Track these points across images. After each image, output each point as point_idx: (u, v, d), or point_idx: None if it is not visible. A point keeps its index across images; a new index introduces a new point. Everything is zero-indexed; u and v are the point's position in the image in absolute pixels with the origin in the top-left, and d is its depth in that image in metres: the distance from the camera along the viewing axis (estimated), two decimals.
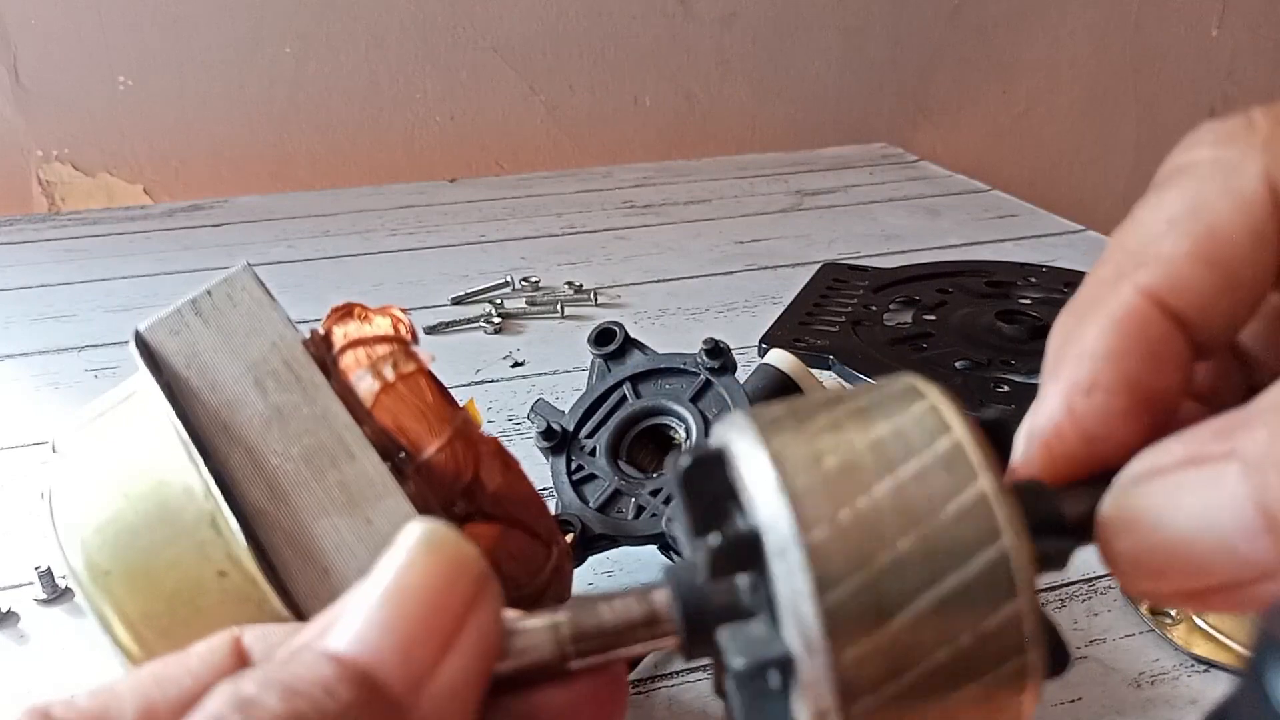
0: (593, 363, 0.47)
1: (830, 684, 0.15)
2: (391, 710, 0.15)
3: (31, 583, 0.45)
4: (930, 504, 0.16)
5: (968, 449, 0.16)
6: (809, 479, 0.16)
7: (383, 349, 0.27)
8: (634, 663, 0.38)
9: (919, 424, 0.17)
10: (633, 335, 0.47)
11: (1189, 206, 0.19)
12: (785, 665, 0.16)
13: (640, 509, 0.41)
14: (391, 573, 0.16)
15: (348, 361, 0.27)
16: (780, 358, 0.47)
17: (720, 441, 0.17)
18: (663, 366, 0.45)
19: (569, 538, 0.40)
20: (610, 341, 0.47)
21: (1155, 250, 0.19)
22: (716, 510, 0.17)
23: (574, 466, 0.44)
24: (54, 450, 0.28)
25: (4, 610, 0.44)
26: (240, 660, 0.17)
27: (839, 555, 0.16)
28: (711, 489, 0.17)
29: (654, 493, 0.41)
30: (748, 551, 0.16)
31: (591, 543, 0.41)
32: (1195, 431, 0.17)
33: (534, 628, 0.17)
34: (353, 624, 0.15)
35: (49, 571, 0.45)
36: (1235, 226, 0.18)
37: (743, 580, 0.17)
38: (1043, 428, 0.19)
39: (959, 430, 0.17)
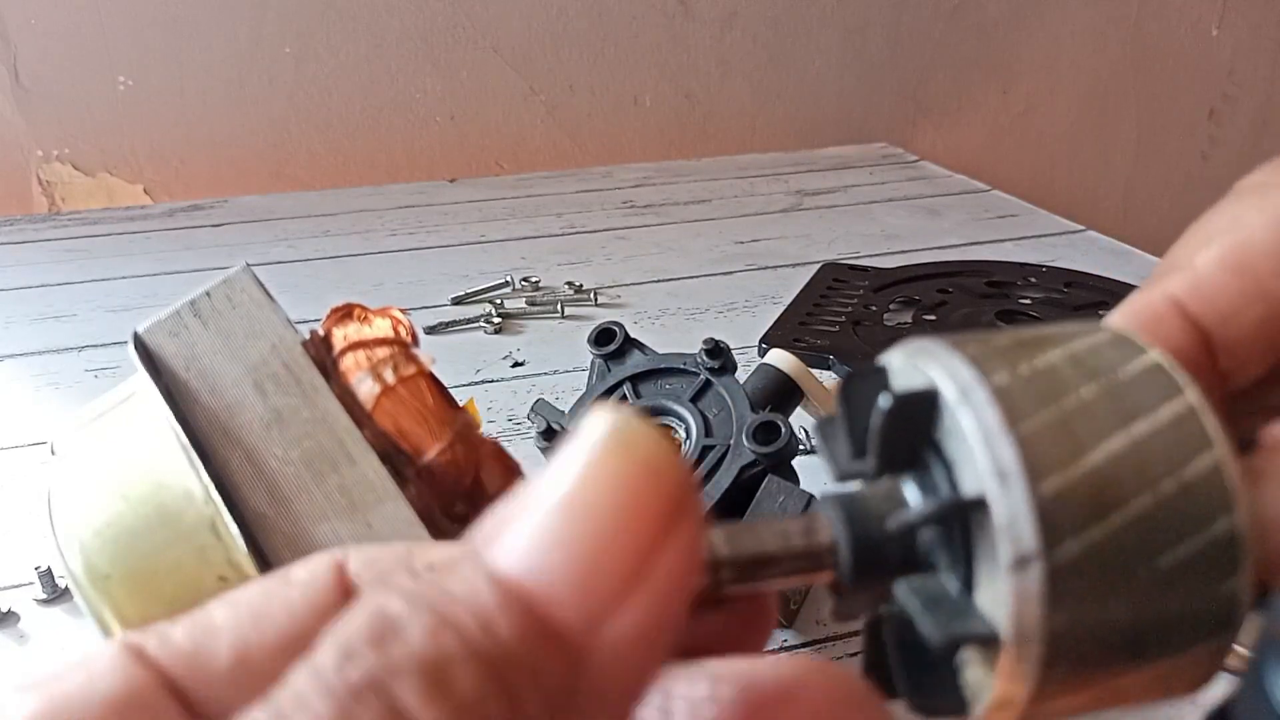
0: (593, 363, 0.47)
1: (1031, 519, 0.14)
2: (560, 655, 0.12)
3: (31, 583, 0.45)
4: (1108, 364, 0.16)
5: (1132, 337, 0.16)
6: (981, 349, 0.16)
7: (383, 351, 0.27)
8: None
9: (1082, 325, 0.17)
10: (633, 335, 0.47)
11: (1227, 223, 0.19)
12: (984, 640, 0.15)
13: None
14: (571, 475, 0.12)
15: (348, 364, 0.27)
16: (780, 358, 0.47)
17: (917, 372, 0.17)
18: (663, 366, 0.45)
19: None
20: (610, 341, 0.47)
21: (1188, 259, 0.19)
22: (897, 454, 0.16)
23: None
24: (53, 452, 0.28)
25: (4, 610, 0.44)
26: (344, 592, 0.15)
27: (1024, 396, 0.15)
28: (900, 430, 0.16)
29: None
30: (950, 499, 0.15)
31: None
32: None
33: None
34: (521, 537, 0.12)
35: (49, 572, 0.45)
36: (1265, 238, 0.19)
37: (926, 534, 0.16)
38: None
39: (1119, 328, 0.17)
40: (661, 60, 1.17)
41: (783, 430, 0.40)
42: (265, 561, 0.24)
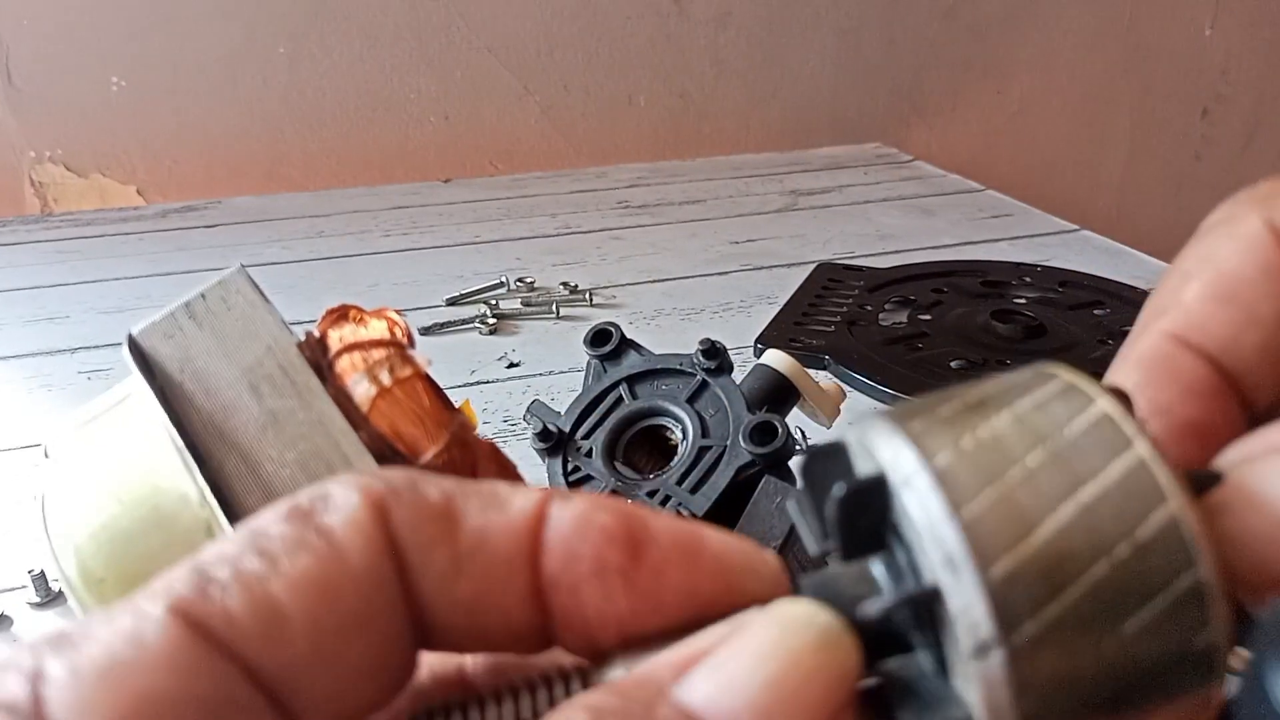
0: (589, 363, 0.47)
1: (984, 606, 0.14)
2: None
3: (25, 586, 0.45)
4: (1053, 424, 0.15)
5: (1081, 384, 0.16)
6: (927, 423, 0.15)
7: (379, 353, 0.27)
8: None
9: (1032, 376, 0.16)
10: (628, 336, 0.47)
11: (1200, 258, 0.20)
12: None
13: None
14: (780, 656, 0.14)
15: (343, 366, 0.27)
16: (776, 358, 0.46)
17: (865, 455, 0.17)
18: (659, 367, 0.45)
19: None
20: (606, 342, 0.47)
21: (1174, 299, 0.20)
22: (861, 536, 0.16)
23: (570, 468, 0.44)
24: (46, 455, 0.28)
25: None
26: (396, 559, 0.16)
27: (969, 475, 0.15)
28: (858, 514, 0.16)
29: (650, 494, 0.41)
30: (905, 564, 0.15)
31: None
32: None
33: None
34: (719, 690, 0.14)
35: (42, 575, 0.45)
36: (1242, 264, 0.19)
37: (900, 615, 0.16)
38: None
39: (1068, 374, 0.16)
40: (656, 60, 1.17)
41: (779, 430, 0.40)
42: None
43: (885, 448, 0.16)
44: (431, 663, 0.18)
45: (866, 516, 0.16)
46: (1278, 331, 0.19)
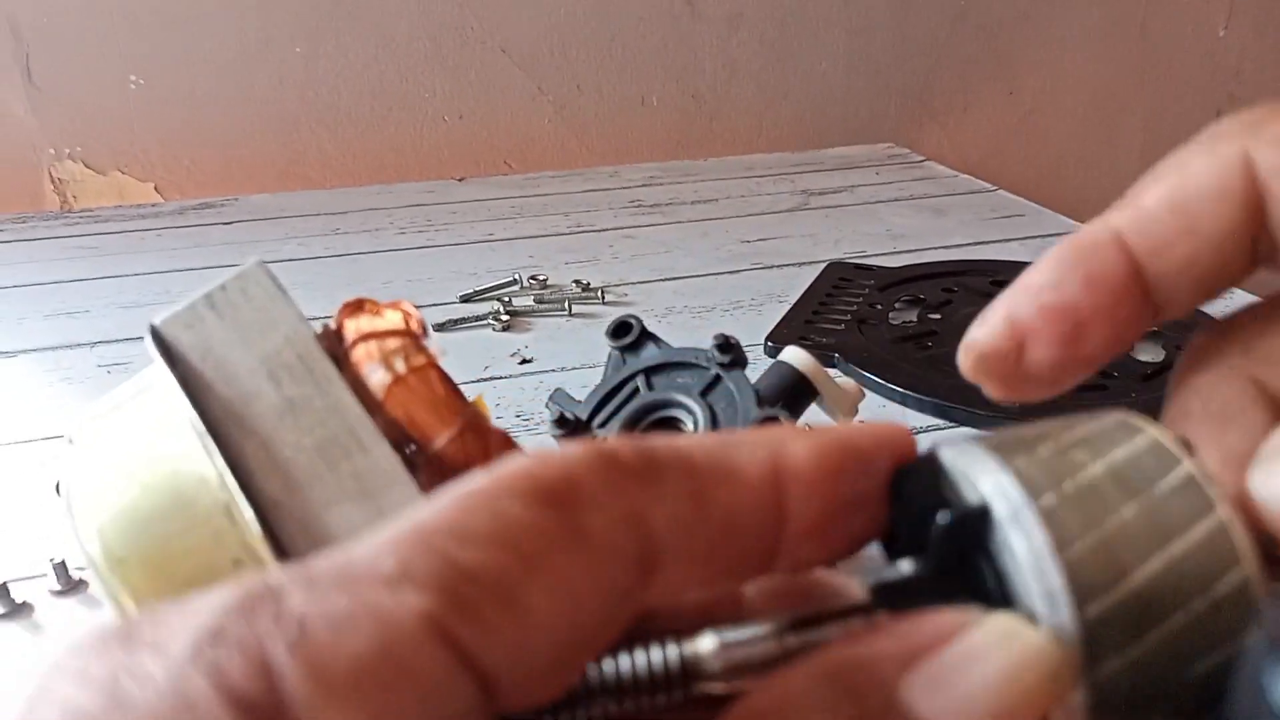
0: (610, 354, 0.48)
1: (1077, 641, 0.15)
2: None
3: (45, 575, 0.45)
4: (1146, 479, 0.17)
5: (1166, 443, 0.17)
6: (1028, 462, 0.17)
7: (394, 342, 0.28)
8: None
9: (1119, 427, 0.18)
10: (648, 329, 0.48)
11: (1176, 165, 0.21)
12: None
13: None
14: (1011, 683, 0.15)
15: (359, 355, 0.28)
16: (795, 355, 0.47)
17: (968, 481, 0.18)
18: (676, 360, 0.46)
19: None
20: (627, 334, 0.47)
21: (1134, 198, 0.21)
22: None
23: None
24: (70, 442, 0.28)
25: (19, 602, 0.44)
26: (650, 559, 0.15)
27: (1071, 517, 0.16)
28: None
29: None
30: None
31: None
32: None
33: (756, 631, 0.17)
34: (947, 710, 0.15)
35: (63, 564, 0.45)
36: (1203, 180, 0.20)
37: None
38: (982, 332, 0.21)
39: (1153, 430, 0.18)
40: (668, 61, 1.17)
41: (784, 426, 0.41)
42: (279, 545, 0.25)
43: (991, 480, 0.17)
44: None
45: (965, 541, 0.17)
46: (1209, 250, 0.20)
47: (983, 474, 0.17)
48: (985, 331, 0.22)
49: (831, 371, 0.48)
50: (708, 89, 1.20)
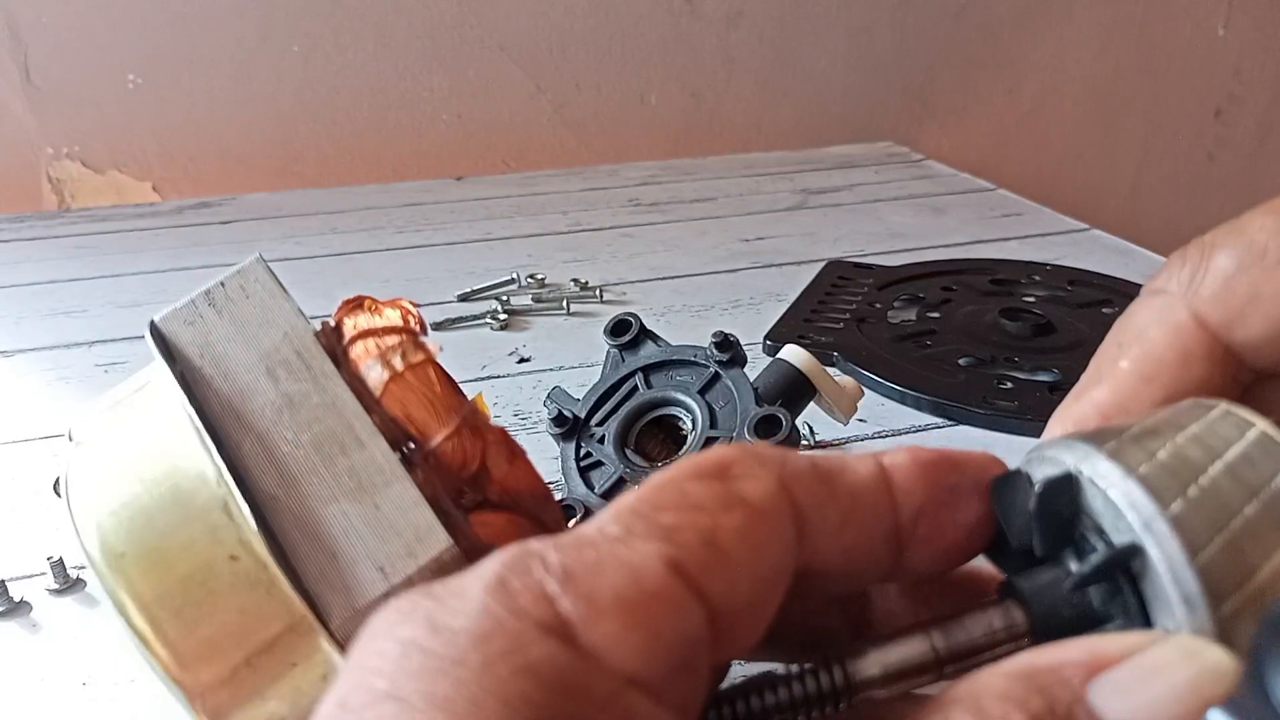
0: (608, 352, 0.48)
1: (1213, 635, 0.17)
2: None
3: (44, 573, 0.45)
4: (1263, 476, 0.18)
5: (1273, 433, 0.19)
6: (1151, 468, 0.18)
7: (392, 339, 0.28)
8: None
9: (1222, 421, 0.19)
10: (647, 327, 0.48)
11: (1135, 333, 0.24)
12: None
13: None
14: (1197, 697, 0.16)
15: (357, 351, 0.28)
16: (794, 354, 0.47)
17: (1059, 465, 0.20)
18: (674, 358, 0.46)
19: (572, 523, 0.40)
20: (626, 332, 0.47)
21: (1108, 369, 0.24)
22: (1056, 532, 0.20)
23: (583, 453, 0.44)
24: (70, 438, 0.28)
25: (17, 600, 0.44)
26: (798, 520, 0.19)
27: (1199, 522, 0.17)
28: (1054, 511, 0.19)
29: None
30: (1115, 561, 0.18)
31: None
32: None
33: (912, 644, 0.19)
34: (1135, 709, 0.16)
35: (60, 562, 0.45)
36: (1166, 349, 0.23)
37: (1094, 593, 0.19)
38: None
39: (1261, 423, 0.19)
40: (668, 59, 1.17)
41: (784, 423, 0.41)
42: (275, 541, 0.25)
43: (1119, 489, 0.18)
44: None
45: (1065, 515, 0.19)
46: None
47: (1109, 482, 0.18)
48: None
49: (831, 370, 0.48)
50: (707, 87, 1.20)
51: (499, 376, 0.65)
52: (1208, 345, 0.23)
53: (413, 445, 0.27)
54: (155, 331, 0.28)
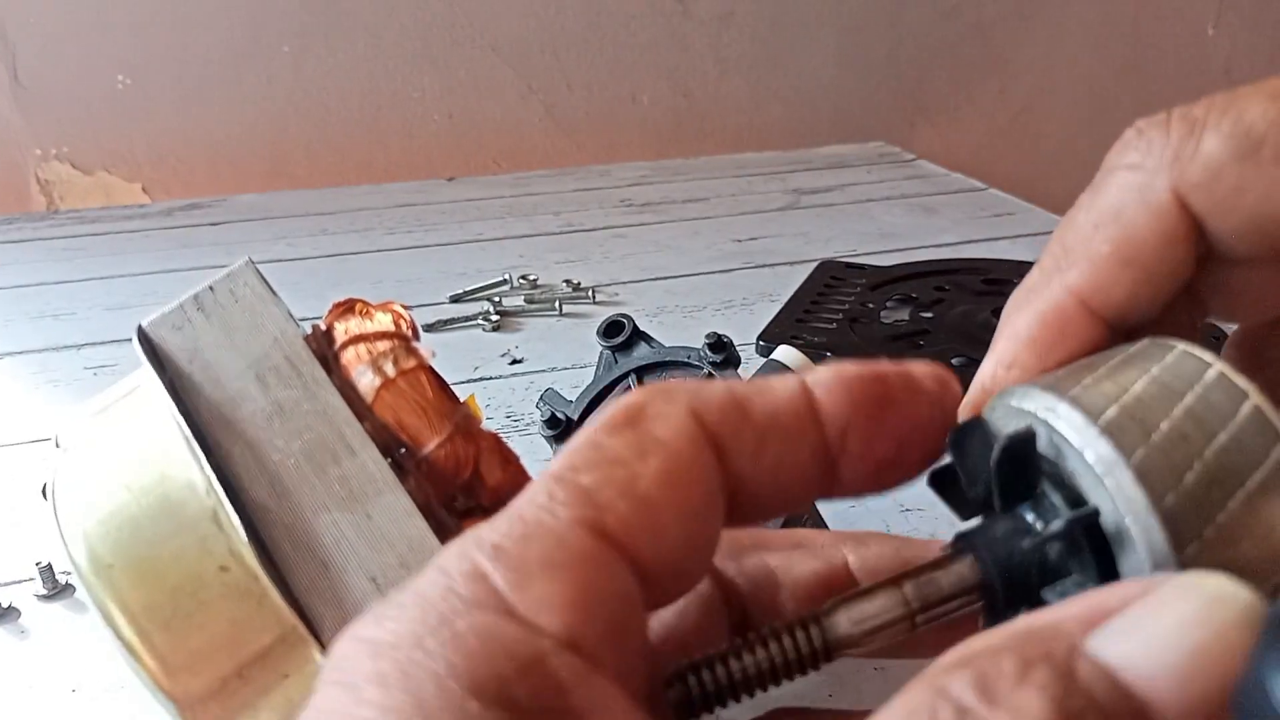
0: (601, 354, 0.47)
1: (1162, 533, 0.17)
2: None
3: (32, 578, 0.45)
4: (1220, 418, 0.18)
5: (1234, 379, 0.19)
6: (1113, 415, 0.18)
7: (383, 345, 0.27)
8: None
9: (1180, 362, 0.19)
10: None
11: (1111, 213, 0.22)
12: None
13: None
14: (1205, 628, 0.15)
15: (349, 357, 0.27)
16: (787, 354, 0.46)
17: (1021, 417, 0.19)
18: (667, 359, 0.46)
19: None
20: (619, 333, 0.47)
21: (1083, 250, 0.22)
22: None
23: None
24: (57, 444, 0.28)
25: (5, 605, 0.44)
26: (715, 448, 0.19)
27: (1163, 469, 0.18)
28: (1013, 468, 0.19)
29: None
30: (1078, 522, 0.18)
31: None
32: None
33: (883, 598, 0.19)
34: (1137, 652, 0.15)
35: (49, 567, 0.45)
36: (1149, 231, 0.21)
37: (1055, 550, 0.19)
38: (972, 390, 0.23)
39: (1219, 363, 0.19)
40: (659, 59, 1.17)
41: None
42: (265, 552, 0.24)
43: (1081, 438, 0.18)
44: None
45: (1025, 470, 0.19)
46: (1166, 285, 0.22)
47: (1073, 433, 0.18)
48: (976, 387, 0.23)
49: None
50: (699, 87, 1.20)
51: (491, 378, 0.65)
52: (1188, 229, 0.21)
53: (405, 451, 0.27)
54: (143, 337, 0.27)
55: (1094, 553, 0.18)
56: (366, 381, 0.27)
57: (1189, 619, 0.15)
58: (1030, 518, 0.19)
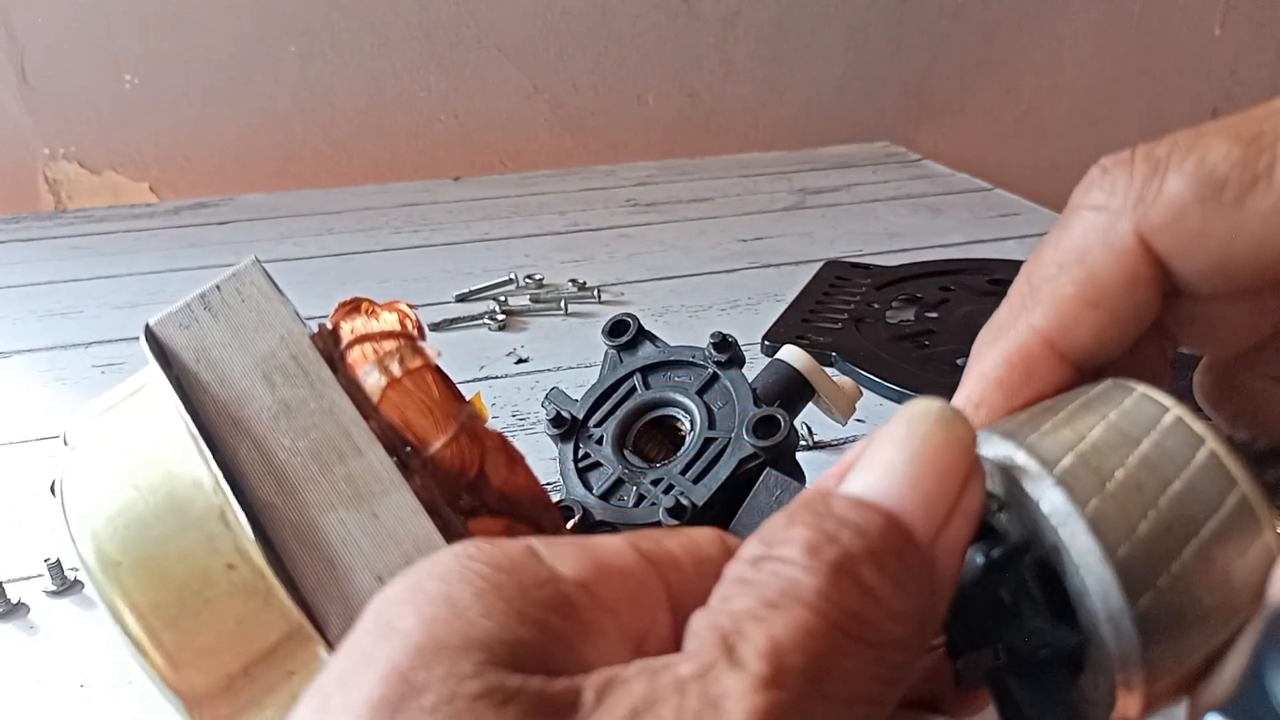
0: (606, 353, 0.48)
1: (1116, 584, 0.17)
2: (916, 550, 0.17)
3: (41, 575, 0.45)
4: (1175, 466, 0.18)
5: (1192, 424, 0.19)
6: (1070, 464, 0.18)
7: (389, 344, 0.28)
8: None
9: (1139, 406, 0.19)
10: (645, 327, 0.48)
11: (1076, 254, 0.22)
12: (1076, 648, 0.19)
13: (641, 497, 0.42)
14: (913, 439, 0.18)
15: (355, 357, 0.28)
16: (793, 354, 0.47)
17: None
18: (673, 359, 0.46)
19: (570, 524, 0.40)
20: (624, 333, 0.47)
21: (1048, 290, 0.22)
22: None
23: (581, 454, 0.44)
24: (65, 442, 0.28)
25: (14, 602, 0.44)
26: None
27: (1116, 518, 0.18)
28: None
29: (654, 481, 0.42)
30: (1023, 552, 0.19)
31: (592, 529, 0.41)
32: None
33: None
34: (874, 477, 0.18)
35: (58, 564, 0.45)
36: (1111, 273, 0.22)
37: (1005, 590, 0.19)
38: None
39: (1176, 408, 0.19)
40: (665, 59, 1.17)
41: (782, 424, 0.41)
42: (272, 549, 0.24)
43: (1038, 487, 0.19)
44: None
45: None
46: (1129, 329, 0.22)
47: (1030, 483, 0.19)
48: None
49: (829, 370, 0.48)
50: (704, 87, 1.20)
51: (497, 377, 0.65)
52: (1152, 270, 0.22)
53: (410, 451, 0.27)
54: (150, 336, 0.28)
55: (1044, 592, 0.19)
56: (372, 380, 0.27)
57: (901, 437, 0.18)
58: (978, 559, 0.20)
